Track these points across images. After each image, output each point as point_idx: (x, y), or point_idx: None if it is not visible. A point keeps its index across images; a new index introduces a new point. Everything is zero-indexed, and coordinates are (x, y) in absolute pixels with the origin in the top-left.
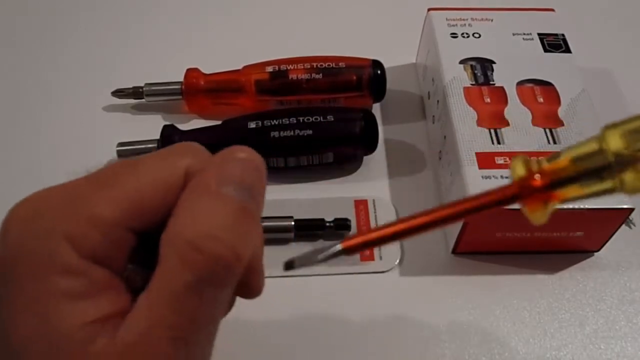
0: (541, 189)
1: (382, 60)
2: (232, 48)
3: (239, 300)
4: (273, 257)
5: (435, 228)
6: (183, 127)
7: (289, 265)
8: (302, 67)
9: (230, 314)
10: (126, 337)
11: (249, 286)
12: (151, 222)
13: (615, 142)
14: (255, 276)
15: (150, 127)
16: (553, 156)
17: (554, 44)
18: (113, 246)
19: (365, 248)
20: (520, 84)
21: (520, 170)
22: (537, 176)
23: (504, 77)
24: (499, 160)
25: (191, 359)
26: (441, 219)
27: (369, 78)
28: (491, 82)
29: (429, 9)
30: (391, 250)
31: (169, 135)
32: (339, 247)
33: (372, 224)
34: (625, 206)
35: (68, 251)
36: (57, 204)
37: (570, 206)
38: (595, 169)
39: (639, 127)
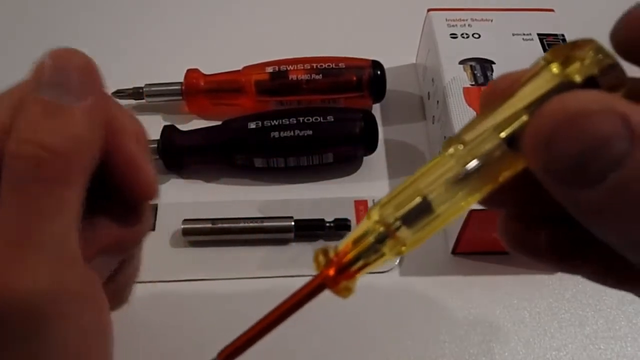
0: (336, 275)
1: (382, 61)
2: (232, 48)
3: (239, 300)
4: (273, 257)
5: (264, 335)
6: (183, 127)
7: None
8: (302, 67)
9: (230, 314)
10: None
11: (132, 180)
12: None
13: (372, 222)
14: (132, 170)
15: (150, 127)
16: (343, 239)
17: (554, 44)
18: None
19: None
20: None
21: (319, 263)
22: (329, 266)
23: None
24: None
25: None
26: (267, 326)
27: (369, 78)
28: None
29: (429, 10)
30: None
31: (169, 136)
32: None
33: None
34: None
35: None
36: None
37: None
38: (369, 247)
39: (388, 201)
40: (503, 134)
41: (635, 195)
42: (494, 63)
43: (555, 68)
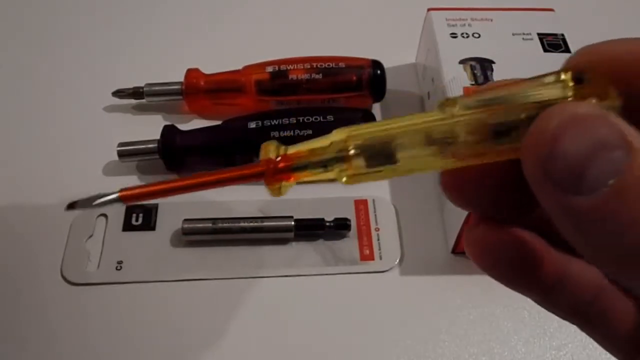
0: (281, 170)
1: (382, 60)
2: (232, 48)
3: (239, 300)
4: (273, 257)
5: (201, 189)
6: (183, 127)
7: (71, 206)
8: (302, 67)
9: (230, 314)
10: None
11: None
12: None
13: (337, 139)
14: None
15: (150, 127)
16: (300, 144)
17: (554, 43)
18: None
19: (141, 199)
20: None
21: (268, 152)
22: (279, 159)
23: (504, 77)
24: None
25: None
26: (202, 183)
27: (369, 78)
28: None
29: (429, 9)
30: (391, 250)
31: (170, 136)
32: (115, 195)
33: (372, 224)
34: None
35: None
36: None
37: None
38: (320, 161)
39: (361, 132)
40: (492, 121)
41: (630, 206)
42: (494, 63)
43: (571, 83)
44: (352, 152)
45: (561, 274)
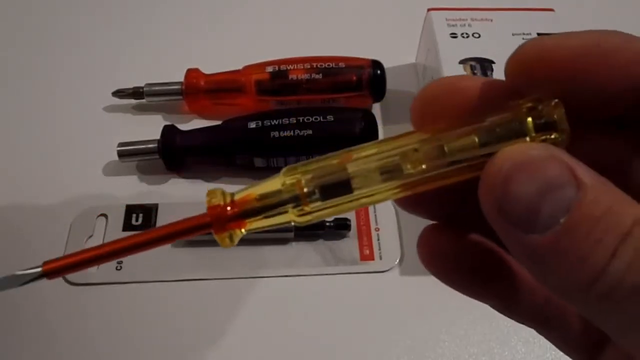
0: (230, 218)
1: (382, 60)
2: (232, 48)
3: (238, 300)
4: (273, 257)
5: (137, 251)
6: (183, 127)
7: None
8: (302, 67)
9: (230, 314)
10: None
11: None
12: None
13: (289, 179)
14: None
15: (150, 127)
16: (245, 188)
17: None
18: None
19: (67, 271)
20: None
21: (215, 200)
22: (228, 208)
23: (504, 77)
24: None
25: None
26: (143, 243)
27: (369, 78)
28: None
29: (429, 9)
30: (391, 250)
31: (170, 136)
32: (39, 270)
33: (372, 224)
34: None
35: None
36: None
37: None
38: (273, 205)
39: (312, 168)
40: (447, 149)
41: (579, 244)
42: (494, 63)
43: (527, 117)
44: (306, 190)
45: (516, 280)
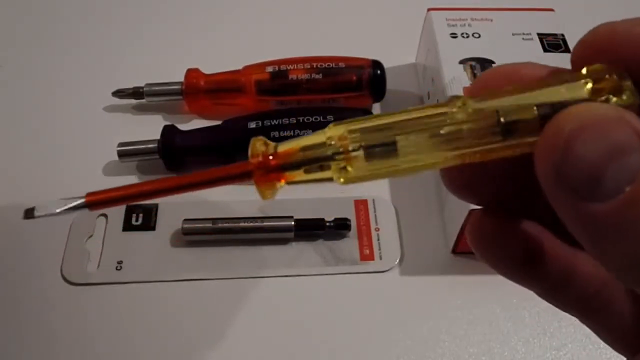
0: (272, 169)
1: (382, 60)
2: (232, 48)
3: (238, 300)
4: (273, 257)
5: (178, 192)
6: (183, 127)
7: (29, 213)
8: (302, 67)
9: (230, 314)
10: None
11: None
12: None
13: (334, 135)
14: None
15: (150, 127)
16: (289, 141)
17: (554, 44)
18: None
19: (111, 204)
20: None
21: (257, 149)
22: (270, 157)
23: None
24: None
25: None
26: (185, 185)
27: (369, 78)
28: None
29: (429, 9)
30: (391, 250)
31: (170, 136)
32: (82, 201)
33: (372, 224)
34: None
35: None
36: None
37: None
38: (316, 158)
39: (359, 127)
40: (503, 119)
41: None
42: (494, 63)
43: (590, 84)
44: (351, 147)
45: (566, 267)
